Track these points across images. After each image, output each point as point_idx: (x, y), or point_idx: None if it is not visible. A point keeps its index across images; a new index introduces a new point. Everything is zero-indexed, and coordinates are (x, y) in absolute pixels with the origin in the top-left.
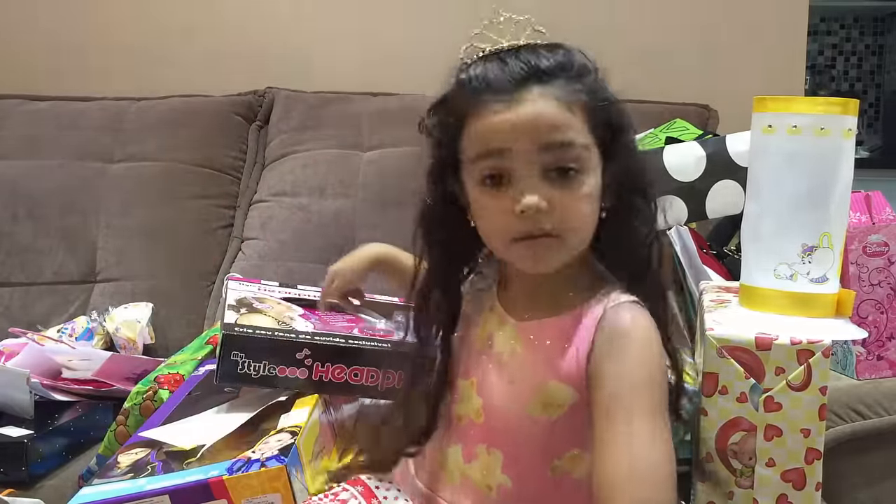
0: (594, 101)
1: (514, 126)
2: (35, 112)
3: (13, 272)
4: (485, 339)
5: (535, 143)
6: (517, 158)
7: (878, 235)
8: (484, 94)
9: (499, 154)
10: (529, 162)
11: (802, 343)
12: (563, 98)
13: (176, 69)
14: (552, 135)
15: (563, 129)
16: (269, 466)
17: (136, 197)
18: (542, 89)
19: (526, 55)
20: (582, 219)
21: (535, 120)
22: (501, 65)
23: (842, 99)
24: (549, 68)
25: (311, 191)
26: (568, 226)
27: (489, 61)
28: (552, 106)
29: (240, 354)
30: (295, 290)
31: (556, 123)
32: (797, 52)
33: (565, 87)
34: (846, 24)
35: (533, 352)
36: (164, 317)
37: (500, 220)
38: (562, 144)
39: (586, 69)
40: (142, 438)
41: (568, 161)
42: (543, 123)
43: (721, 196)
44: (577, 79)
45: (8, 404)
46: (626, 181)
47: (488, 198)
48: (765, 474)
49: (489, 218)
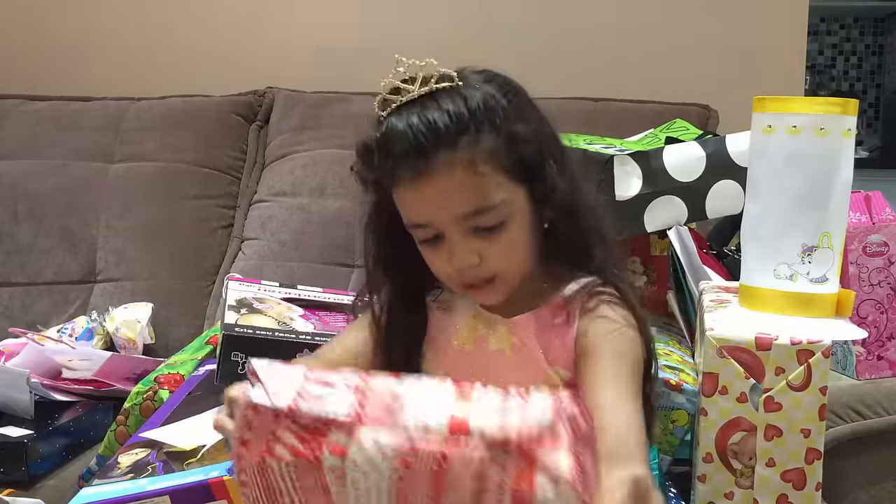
0: (502, 146)
1: (429, 202)
2: (35, 112)
3: (13, 272)
4: (474, 342)
5: (452, 214)
6: (442, 226)
7: (878, 235)
8: (397, 167)
9: (426, 225)
10: (454, 228)
11: (802, 343)
12: (469, 161)
13: (176, 69)
14: (466, 205)
15: (477, 196)
16: None
17: (136, 197)
18: (448, 157)
19: (426, 113)
20: (511, 261)
21: (446, 194)
22: (406, 128)
23: (841, 99)
24: (448, 130)
25: (311, 191)
26: (499, 269)
27: (398, 119)
28: (460, 175)
29: (240, 355)
30: (295, 290)
31: (468, 193)
32: (797, 52)
33: (469, 145)
34: (846, 24)
35: (530, 344)
36: (164, 317)
37: (443, 271)
38: (477, 211)
39: (488, 110)
40: (142, 439)
41: (488, 222)
42: (455, 197)
43: (721, 196)
44: (479, 129)
45: (8, 404)
46: (552, 203)
47: (429, 253)
48: (765, 474)
49: (434, 268)
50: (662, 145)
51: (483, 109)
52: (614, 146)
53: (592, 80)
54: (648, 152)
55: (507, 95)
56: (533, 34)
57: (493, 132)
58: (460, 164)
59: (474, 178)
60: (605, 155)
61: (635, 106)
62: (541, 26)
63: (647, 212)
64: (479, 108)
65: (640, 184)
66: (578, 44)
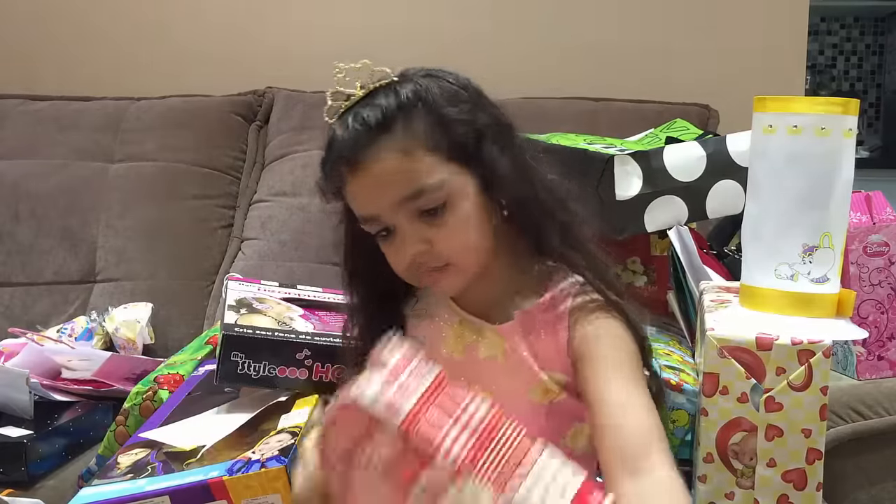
0: (434, 129)
1: (371, 190)
2: (35, 112)
3: (13, 272)
4: (463, 349)
5: (391, 200)
6: (387, 216)
7: (879, 235)
8: (339, 163)
9: (372, 217)
10: (399, 215)
11: (803, 343)
12: (401, 146)
13: (176, 69)
14: (401, 189)
15: (412, 178)
16: (270, 467)
17: (136, 197)
18: (380, 143)
19: (362, 111)
20: (460, 245)
21: (381, 181)
22: (345, 129)
23: (842, 99)
24: (379, 121)
25: (311, 191)
26: (449, 255)
27: (341, 122)
28: (392, 161)
29: (240, 355)
30: (295, 290)
31: (401, 177)
32: (797, 51)
33: (400, 131)
34: (847, 24)
35: (520, 349)
36: (164, 317)
37: (400, 266)
38: (415, 194)
39: (418, 96)
40: (142, 439)
41: (429, 204)
42: (389, 182)
43: (721, 196)
44: (410, 115)
45: (7, 404)
46: (503, 186)
47: (384, 246)
48: (766, 474)
49: (394, 266)
50: (663, 145)
51: (412, 98)
52: (614, 146)
53: (592, 80)
54: (649, 152)
55: (441, 85)
56: (533, 34)
57: (421, 117)
58: (392, 150)
59: (406, 161)
60: (605, 155)
61: (635, 106)
62: (541, 26)
63: (647, 212)
64: (409, 97)
65: (641, 184)
66: (579, 44)
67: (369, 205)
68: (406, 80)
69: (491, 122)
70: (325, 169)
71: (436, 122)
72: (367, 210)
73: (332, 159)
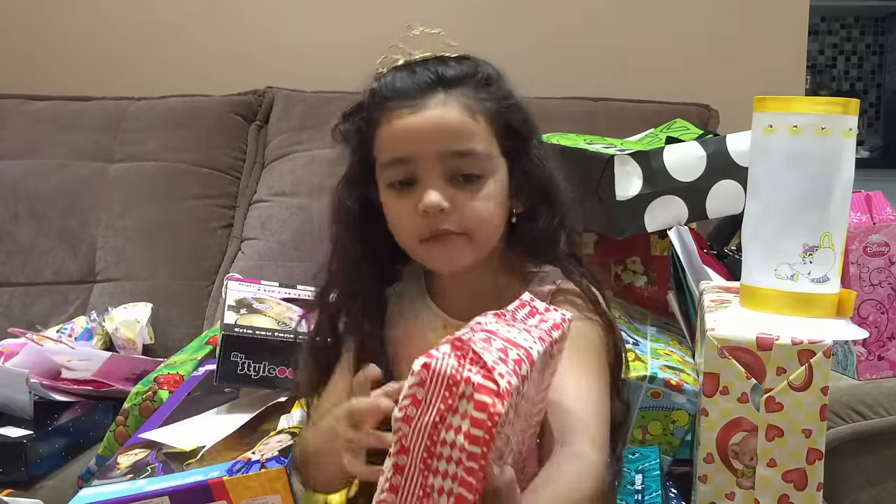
0: (499, 109)
1: (419, 132)
2: (35, 112)
3: (13, 272)
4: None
5: (438, 149)
6: (422, 163)
7: (879, 235)
8: (391, 100)
9: (406, 161)
10: (433, 167)
11: (803, 343)
12: (467, 105)
13: (176, 69)
14: (455, 143)
15: (466, 137)
16: (269, 468)
17: (136, 197)
18: (447, 96)
19: (433, 65)
20: (483, 217)
21: (438, 126)
22: (410, 73)
23: (842, 99)
24: (454, 76)
25: (311, 191)
26: (470, 224)
27: (399, 71)
28: (456, 113)
29: (240, 355)
30: (295, 290)
31: (459, 130)
32: (798, 51)
33: (470, 94)
34: (847, 24)
35: None
36: (164, 317)
37: (407, 220)
38: (463, 153)
39: (492, 78)
40: (141, 439)
41: (469, 168)
42: (446, 130)
43: (721, 196)
44: (482, 87)
45: (7, 404)
46: (530, 188)
47: (397, 199)
48: (766, 475)
49: (397, 218)
50: (663, 145)
51: (487, 75)
52: (614, 146)
53: (592, 80)
54: (649, 152)
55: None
56: (533, 34)
57: (490, 92)
58: (457, 104)
59: (468, 119)
60: (605, 155)
61: (635, 106)
62: (541, 26)
63: (647, 212)
64: (484, 73)
65: (641, 184)
66: (579, 43)
67: (410, 147)
68: (477, 59)
69: (532, 126)
70: (363, 108)
71: (501, 102)
72: (403, 151)
73: (379, 98)
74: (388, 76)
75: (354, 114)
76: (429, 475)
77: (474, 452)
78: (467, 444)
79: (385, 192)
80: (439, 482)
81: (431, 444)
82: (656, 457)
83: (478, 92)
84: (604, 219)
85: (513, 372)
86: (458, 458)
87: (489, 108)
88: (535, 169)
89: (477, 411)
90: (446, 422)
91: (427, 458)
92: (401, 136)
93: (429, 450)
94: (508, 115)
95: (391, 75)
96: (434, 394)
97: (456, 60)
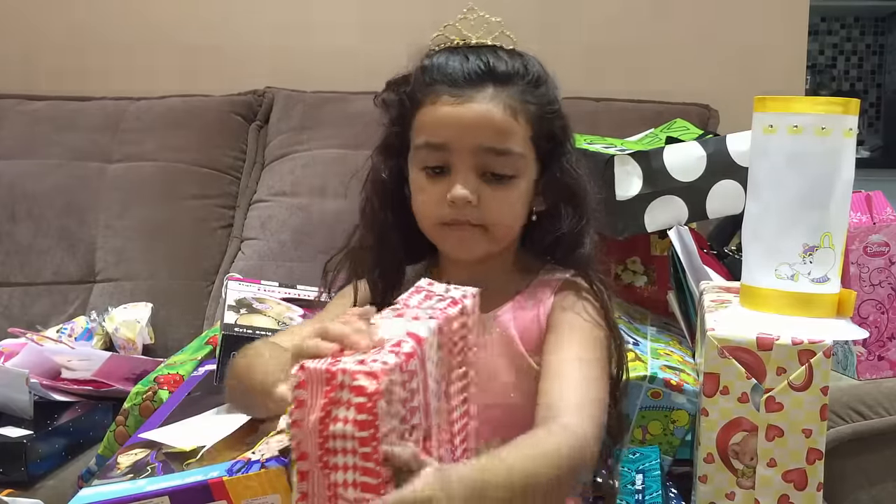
0: (541, 112)
1: (460, 123)
2: (33, 112)
3: (13, 272)
4: None
5: (476, 143)
6: (457, 154)
7: (879, 235)
8: (439, 84)
9: (441, 148)
10: (468, 159)
11: (804, 343)
12: (512, 104)
13: (175, 69)
14: (493, 140)
15: (505, 137)
16: (270, 468)
17: (136, 197)
18: (495, 91)
19: (487, 55)
20: (507, 216)
21: (480, 120)
22: (462, 60)
23: (842, 99)
24: (505, 73)
25: (311, 191)
26: (492, 220)
27: (453, 53)
28: (499, 110)
29: None
30: (294, 290)
31: (500, 129)
32: (798, 51)
33: (517, 93)
34: (847, 24)
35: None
36: (164, 317)
37: (432, 204)
38: (499, 152)
39: (541, 80)
40: (141, 439)
41: (503, 168)
42: (487, 127)
43: (722, 196)
44: (530, 87)
45: (7, 405)
46: (558, 191)
47: (426, 182)
48: (766, 475)
49: (424, 200)
50: (663, 145)
51: (536, 77)
52: (614, 146)
53: (592, 80)
54: (649, 152)
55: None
56: (533, 34)
57: (535, 95)
58: (502, 103)
59: (509, 118)
60: (605, 155)
61: (635, 106)
62: (541, 26)
63: (647, 212)
64: (533, 75)
65: (641, 184)
66: (579, 44)
67: (448, 135)
68: (529, 57)
69: (569, 132)
70: (411, 82)
71: (543, 106)
72: (442, 137)
73: (428, 79)
74: (441, 56)
75: (400, 85)
76: (329, 472)
77: (364, 437)
78: (356, 431)
79: (416, 172)
80: (341, 476)
81: (323, 440)
82: (656, 457)
83: (524, 94)
84: (604, 219)
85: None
86: (351, 447)
87: (532, 112)
88: (567, 174)
89: (357, 396)
90: (332, 415)
91: (323, 455)
92: (442, 124)
93: (322, 447)
94: (550, 120)
95: (444, 56)
96: (315, 393)
97: (509, 55)
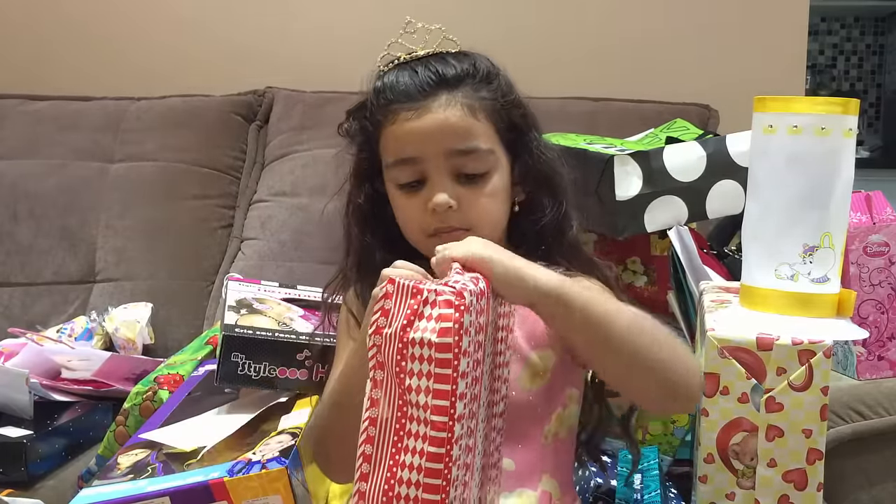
0: (498, 105)
1: (423, 134)
2: (35, 112)
3: (13, 272)
4: None
5: (443, 149)
6: (428, 164)
7: (879, 235)
8: (395, 102)
9: (412, 161)
10: (440, 167)
11: (804, 343)
12: (469, 104)
13: (175, 69)
14: (458, 142)
15: (468, 136)
16: (270, 468)
17: (136, 197)
18: (449, 96)
19: (435, 64)
20: (489, 213)
21: (441, 126)
22: (412, 73)
23: (842, 99)
24: (455, 76)
25: (311, 191)
26: (476, 220)
27: (402, 70)
28: (458, 113)
29: (240, 355)
30: (295, 290)
31: (462, 130)
32: (797, 51)
33: (471, 93)
34: (847, 24)
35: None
36: (164, 317)
37: (415, 217)
38: (467, 151)
39: (492, 75)
40: (142, 439)
41: (474, 166)
42: (450, 131)
43: (721, 196)
44: (482, 84)
45: (7, 404)
46: (534, 178)
47: (405, 198)
48: (766, 475)
49: (406, 215)
50: (663, 145)
51: (485, 70)
52: (614, 146)
53: (592, 80)
54: (649, 152)
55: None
56: (533, 34)
57: (490, 90)
58: (459, 105)
59: (469, 118)
60: (605, 155)
61: (635, 106)
62: (541, 26)
63: (647, 212)
64: (483, 71)
65: (641, 184)
66: (579, 43)
67: (415, 148)
68: (476, 55)
69: (531, 120)
70: (367, 108)
71: (500, 98)
72: (409, 152)
73: (383, 100)
74: (391, 75)
75: (359, 112)
76: (404, 378)
77: (445, 343)
78: (435, 338)
79: (393, 191)
80: (415, 382)
81: (402, 345)
82: (655, 457)
83: (478, 91)
84: (604, 219)
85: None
86: (428, 355)
87: (490, 107)
88: (537, 160)
89: (443, 308)
90: (413, 325)
91: (400, 360)
92: (406, 139)
93: (400, 352)
94: (509, 111)
95: (393, 75)
96: (401, 304)
97: (455, 58)
